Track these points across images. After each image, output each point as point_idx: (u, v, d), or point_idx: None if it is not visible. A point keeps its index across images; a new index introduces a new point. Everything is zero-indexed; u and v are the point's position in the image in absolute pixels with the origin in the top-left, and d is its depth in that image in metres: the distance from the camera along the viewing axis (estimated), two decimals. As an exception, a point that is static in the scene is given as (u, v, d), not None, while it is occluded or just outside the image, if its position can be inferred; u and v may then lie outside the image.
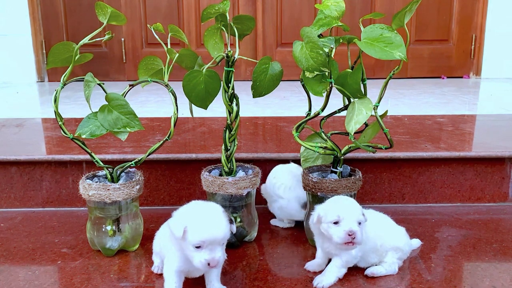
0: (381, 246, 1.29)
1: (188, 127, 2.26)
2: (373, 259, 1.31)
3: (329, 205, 1.24)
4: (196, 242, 1.07)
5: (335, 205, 1.23)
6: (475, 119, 2.45)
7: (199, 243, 1.07)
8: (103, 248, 1.43)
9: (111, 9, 1.34)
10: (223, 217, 1.12)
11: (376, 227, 1.30)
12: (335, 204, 1.23)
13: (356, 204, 1.24)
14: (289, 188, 1.57)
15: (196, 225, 1.08)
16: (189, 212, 1.13)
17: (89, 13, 3.87)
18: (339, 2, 1.38)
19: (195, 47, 3.92)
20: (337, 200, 1.26)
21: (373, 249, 1.29)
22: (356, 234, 1.18)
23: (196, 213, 1.12)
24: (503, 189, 1.83)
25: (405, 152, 1.79)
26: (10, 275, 1.32)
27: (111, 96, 1.36)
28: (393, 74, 1.33)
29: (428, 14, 3.94)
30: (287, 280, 1.29)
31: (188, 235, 1.08)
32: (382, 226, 1.33)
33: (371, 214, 1.34)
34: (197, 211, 1.13)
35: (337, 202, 1.25)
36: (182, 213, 1.14)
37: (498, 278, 1.29)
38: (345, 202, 1.25)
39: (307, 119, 1.46)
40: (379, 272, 1.29)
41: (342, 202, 1.24)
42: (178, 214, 1.14)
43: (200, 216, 1.11)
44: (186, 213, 1.12)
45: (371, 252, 1.29)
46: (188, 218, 1.10)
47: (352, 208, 1.22)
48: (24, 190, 1.81)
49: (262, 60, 1.39)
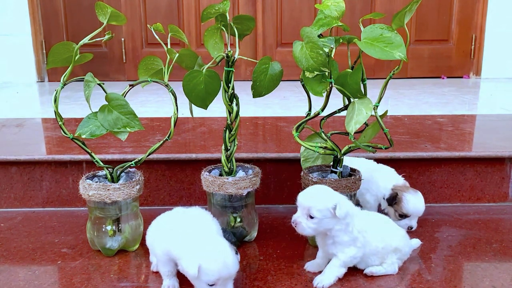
0: (383, 249, 1.29)
1: (188, 127, 2.26)
2: (374, 261, 1.30)
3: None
4: (212, 281, 1.10)
5: (301, 193, 1.25)
6: (475, 119, 2.45)
7: (215, 281, 1.10)
8: (103, 248, 1.43)
9: (111, 9, 1.34)
10: (232, 251, 1.14)
11: (377, 230, 1.29)
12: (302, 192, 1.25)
13: (317, 197, 1.22)
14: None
15: (211, 264, 1.09)
16: (198, 247, 1.12)
17: (89, 13, 3.87)
18: (339, 2, 1.38)
19: (195, 47, 3.92)
20: (308, 188, 1.27)
21: (374, 252, 1.28)
22: (298, 224, 1.21)
23: (207, 249, 1.12)
24: (503, 189, 1.83)
25: (405, 152, 1.79)
26: (10, 275, 1.32)
27: (111, 96, 1.36)
28: (393, 74, 1.33)
29: (428, 14, 3.93)
30: (287, 280, 1.29)
31: (203, 274, 1.09)
32: (383, 229, 1.31)
33: (372, 216, 1.33)
34: (207, 245, 1.13)
35: (305, 190, 1.26)
36: (190, 247, 1.12)
37: (498, 278, 1.29)
38: (307, 191, 1.25)
39: (307, 119, 1.46)
40: (378, 271, 1.29)
41: (305, 191, 1.25)
42: (186, 249, 1.13)
43: (214, 253, 1.11)
44: (196, 248, 1.12)
45: (371, 255, 1.28)
46: (201, 255, 1.10)
47: (308, 198, 1.22)
48: (24, 190, 1.81)
49: (262, 60, 1.39)
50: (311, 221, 1.21)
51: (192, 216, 1.29)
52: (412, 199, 1.50)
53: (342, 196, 1.25)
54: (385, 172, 1.62)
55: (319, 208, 1.20)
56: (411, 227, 1.53)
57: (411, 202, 1.50)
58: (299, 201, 1.24)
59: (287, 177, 1.81)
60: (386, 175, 1.60)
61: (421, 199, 1.52)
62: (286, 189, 1.82)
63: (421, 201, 1.52)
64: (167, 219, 1.29)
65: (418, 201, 1.51)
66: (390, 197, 1.53)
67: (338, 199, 1.22)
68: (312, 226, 1.21)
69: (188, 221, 1.25)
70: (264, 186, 1.79)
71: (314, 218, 1.21)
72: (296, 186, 1.79)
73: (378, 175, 1.60)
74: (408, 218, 1.52)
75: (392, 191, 1.54)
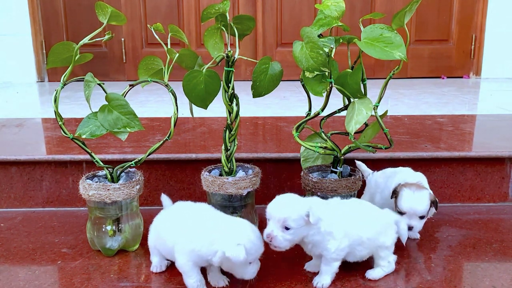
0: (368, 239, 1.25)
1: (188, 127, 2.26)
2: (361, 252, 1.26)
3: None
4: (254, 258, 1.17)
5: (271, 204, 1.22)
6: (475, 119, 2.45)
7: (255, 258, 1.18)
8: (103, 248, 1.43)
9: (111, 9, 1.34)
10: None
11: (356, 218, 1.25)
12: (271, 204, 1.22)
13: (290, 206, 1.18)
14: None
15: (251, 242, 1.15)
16: (238, 231, 1.17)
17: (89, 13, 3.87)
18: (339, 2, 1.38)
19: (195, 47, 3.92)
20: (276, 199, 1.23)
21: (359, 242, 1.24)
22: (273, 239, 1.17)
23: (245, 231, 1.17)
24: (503, 189, 1.83)
25: (405, 152, 1.79)
26: (10, 275, 1.32)
27: (111, 96, 1.36)
28: (393, 74, 1.33)
29: (428, 14, 3.93)
30: (287, 280, 1.29)
31: (248, 255, 1.14)
32: (363, 217, 1.27)
33: (352, 204, 1.31)
34: (240, 228, 1.18)
35: (274, 202, 1.22)
36: (229, 232, 1.17)
37: (498, 278, 1.29)
38: (277, 202, 1.21)
39: (307, 119, 1.46)
40: (379, 275, 1.28)
41: (275, 202, 1.21)
42: (221, 239, 1.16)
43: (248, 232, 1.17)
44: (235, 233, 1.16)
45: (357, 244, 1.25)
46: (241, 238, 1.15)
47: (281, 209, 1.18)
48: (24, 190, 1.81)
49: (262, 60, 1.39)
50: (287, 233, 1.17)
51: (193, 209, 1.29)
52: (408, 196, 1.39)
53: (312, 201, 1.23)
54: (400, 173, 1.54)
55: (294, 218, 1.17)
56: (411, 226, 1.40)
57: (406, 199, 1.39)
58: (270, 214, 1.19)
59: (287, 177, 1.81)
60: (399, 176, 1.52)
61: (422, 198, 1.39)
62: (286, 189, 1.82)
63: (420, 200, 1.39)
64: (173, 219, 1.28)
65: (415, 199, 1.39)
66: (392, 192, 1.46)
67: (309, 205, 1.18)
68: (289, 237, 1.18)
69: (198, 214, 1.25)
70: (264, 186, 1.79)
71: (290, 229, 1.17)
72: (296, 186, 1.79)
73: (391, 179, 1.53)
74: (406, 215, 1.40)
75: (398, 185, 1.45)
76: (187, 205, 1.32)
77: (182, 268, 1.21)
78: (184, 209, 1.30)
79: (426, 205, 1.40)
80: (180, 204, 1.33)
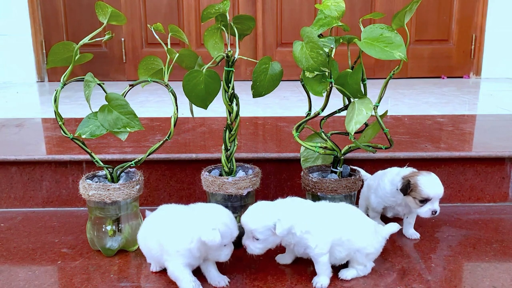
0: (348, 241, 1.25)
1: (188, 127, 2.26)
2: (341, 253, 1.26)
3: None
4: (228, 241, 1.21)
5: (243, 215, 1.26)
6: (475, 119, 2.45)
7: (230, 241, 1.22)
8: (103, 248, 1.43)
9: (111, 9, 1.34)
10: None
11: (338, 219, 1.26)
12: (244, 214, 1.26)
13: (256, 219, 1.21)
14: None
15: (226, 225, 1.19)
16: (212, 216, 1.21)
17: (89, 13, 3.87)
18: (339, 2, 1.38)
19: (195, 47, 3.92)
20: (249, 209, 1.26)
21: (339, 243, 1.24)
22: (247, 248, 1.24)
23: (217, 215, 1.22)
24: (503, 189, 1.83)
25: (405, 152, 1.79)
26: (10, 275, 1.32)
27: (111, 96, 1.36)
28: (393, 74, 1.33)
29: (428, 14, 3.93)
30: (287, 280, 1.29)
31: (222, 237, 1.17)
32: (344, 218, 1.27)
33: (337, 206, 1.31)
34: (214, 213, 1.23)
35: (246, 212, 1.26)
36: (203, 218, 1.20)
37: (498, 278, 1.29)
38: (247, 213, 1.24)
39: (307, 119, 1.46)
40: (351, 275, 1.28)
41: (246, 213, 1.25)
42: (201, 221, 1.19)
43: (227, 218, 1.22)
44: (209, 218, 1.20)
45: (336, 245, 1.24)
46: (215, 222, 1.18)
47: (248, 221, 1.22)
48: (24, 190, 1.81)
49: (262, 60, 1.39)
50: (257, 243, 1.23)
51: (168, 211, 1.32)
52: (428, 181, 1.41)
53: (282, 211, 1.22)
54: (390, 171, 1.55)
55: (260, 230, 1.21)
56: (435, 211, 1.42)
57: (428, 183, 1.40)
58: (243, 224, 1.24)
59: (287, 177, 1.81)
60: (390, 175, 1.53)
61: (437, 179, 1.42)
62: (286, 189, 1.82)
63: (437, 181, 1.42)
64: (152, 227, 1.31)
65: (435, 181, 1.41)
66: (403, 187, 1.43)
67: (277, 217, 1.20)
68: (260, 246, 1.23)
69: (172, 214, 1.29)
70: (264, 186, 1.79)
71: (258, 239, 1.22)
72: (296, 186, 1.79)
73: (384, 178, 1.54)
74: (429, 202, 1.41)
75: (403, 180, 1.44)
76: (162, 210, 1.34)
77: (173, 274, 1.22)
78: (159, 216, 1.32)
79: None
80: (155, 213, 1.34)
